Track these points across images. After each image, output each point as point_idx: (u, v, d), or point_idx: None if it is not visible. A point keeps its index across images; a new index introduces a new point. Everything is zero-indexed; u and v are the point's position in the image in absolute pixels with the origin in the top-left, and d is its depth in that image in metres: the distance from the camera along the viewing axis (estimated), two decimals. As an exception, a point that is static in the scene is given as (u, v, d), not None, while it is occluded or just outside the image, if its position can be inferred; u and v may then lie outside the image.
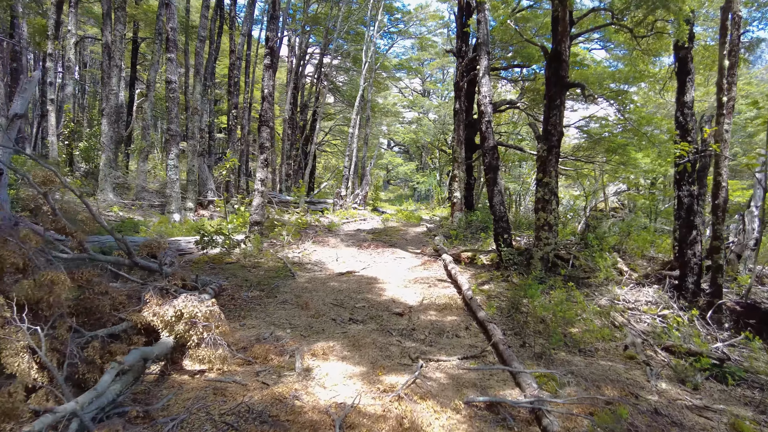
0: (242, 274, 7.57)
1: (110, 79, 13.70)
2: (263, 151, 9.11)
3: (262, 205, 9.11)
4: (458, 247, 10.07)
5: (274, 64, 9.11)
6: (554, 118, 7.63)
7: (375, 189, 22.22)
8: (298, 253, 9.57)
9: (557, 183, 7.88)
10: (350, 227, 13.52)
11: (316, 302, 6.33)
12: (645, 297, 6.77)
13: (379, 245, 10.50)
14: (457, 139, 12.63)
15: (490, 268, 8.37)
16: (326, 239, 11.20)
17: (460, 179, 12.50)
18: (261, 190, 9.07)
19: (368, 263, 9.07)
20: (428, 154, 37.93)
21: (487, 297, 6.82)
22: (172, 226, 10.47)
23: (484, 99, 8.17)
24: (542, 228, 7.73)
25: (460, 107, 12.71)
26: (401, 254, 9.93)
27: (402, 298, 6.77)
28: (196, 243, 8.30)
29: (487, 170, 8.13)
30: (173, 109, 11.84)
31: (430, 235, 11.93)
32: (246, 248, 8.79)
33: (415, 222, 15.46)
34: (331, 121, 31.09)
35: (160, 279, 5.28)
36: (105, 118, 13.67)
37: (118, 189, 15.40)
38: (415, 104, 37.16)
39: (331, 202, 16.52)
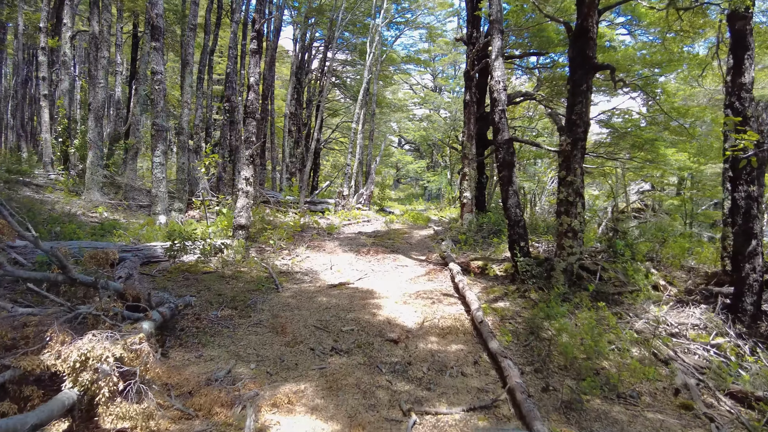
0: (218, 286, 6.61)
1: (97, 71, 12.87)
2: (249, 146, 8.14)
3: (247, 207, 8.15)
4: (468, 254, 8.99)
5: (261, 50, 8.12)
6: (579, 106, 6.51)
7: (382, 188, 21.18)
8: (289, 260, 8.59)
9: (583, 182, 6.76)
10: (351, 230, 12.51)
11: (295, 324, 5.32)
12: (691, 319, 5.63)
13: (379, 251, 9.47)
14: (468, 133, 11.53)
15: (503, 280, 7.28)
16: (323, 243, 10.21)
17: (470, 178, 11.40)
18: (246, 190, 8.10)
19: (365, 272, 8.04)
20: (439, 151, 36.79)
21: (500, 318, 5.75)
22: (154, 229, 9.57)
23: (498, 84, 7.07)
24: (565, 234, 6.62)
25: (471, 99, 11.60)
26: (403, 261, 8.88)
27: (399, 318, 5.72)
28: (165, 251, 7.36)
29: (501, 167, 7.04)
30: (159, 103, 10.94)
31: (437, 239, 10.86)
32: (227, 255, 7.83)
33: (422, 224, 14.39)
34: (338, 118, 30.14)
35: (102, 299, 4.32)
36: (92, 113, 12.86)
37: (108, 188, 14.62)
38: (426, 101, 36.03)
39: (333, 202, 15.53)
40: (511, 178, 6.95)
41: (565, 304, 6.03)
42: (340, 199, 14.91)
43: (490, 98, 7.30)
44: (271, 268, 7.55)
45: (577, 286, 6.79)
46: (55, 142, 16.91)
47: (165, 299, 4.99)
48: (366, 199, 16.82)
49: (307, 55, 24.46)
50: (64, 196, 12.61)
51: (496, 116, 7.00)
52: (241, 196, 8.13)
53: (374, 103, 18.35)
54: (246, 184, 8.13)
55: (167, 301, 4.91)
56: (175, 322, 5.04)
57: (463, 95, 12.01)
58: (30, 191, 12.81)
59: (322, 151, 34.81)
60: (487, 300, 6.42)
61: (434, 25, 22.49)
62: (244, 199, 8.12)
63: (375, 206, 18.86)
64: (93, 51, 13.10)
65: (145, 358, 3.14)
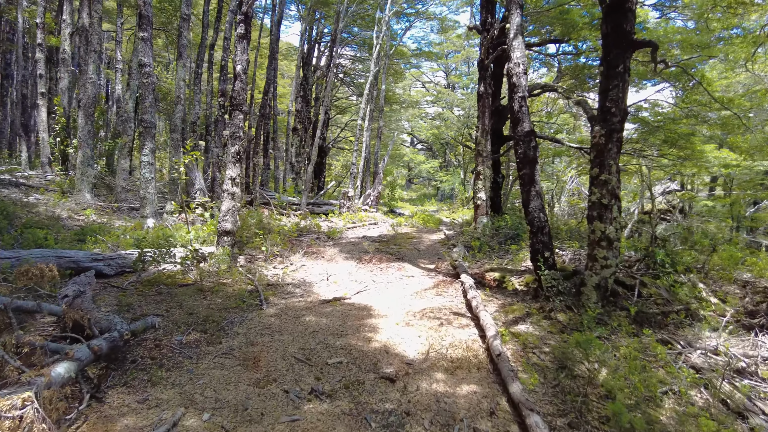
0: (192, 302, 5.72)
1: (87, 66, 12.16)
2: (235, 142, 7.26)
3: (233, 210, 7.27)
4: (482, 264, 7.99)
5: (249, 34, 7.23)
6: (615, 91, 5.47)
7: (393, 188, 20.21)
8: (281, 269, 7.69)
9: (619, 181, 5.72)
10: (355, 234, 11.58)
11: (272, 354, 4.40)
12: (761, 350, 4.56)
13: (383, 258, 8.51)
14: (482, 128, 10.51)
15: (524, 296, 6.27)
16: (322, 250, 9.29)
17: (485, 177, 10.38)
18: (232, 192, 7.22)
19: (365, 284, 7.09)
20: (452, 150, 35.71)
21: (522, 346, 4.74)
22: (138, 234, 8.76)
23: (517, 67, 6.06)
24: (598, 243, 5.59)
25: (485, 90, 10.57)
26: (409, 271, 7.91)
27: (399, 345, 4.76)
28: (133, 263, 6.51)
29: (521, 163, 6.02)
30: (147, 97, 10.15)
31: (449, 244, 9.87)
32: (210, 265, 6.95)
33: (433, 227, 13.40)
34: (347, 116, 29.26)
35: (14, 329, 3.45)
36: (81, 110, 12.16)
37: (100, 189, 13.94)
38: (438, 98, 34.96)
39: (337, 203, 14.62)
40: (533, 176, 5.93)
41: (600, 328, 5.02)
42: (345, 200, 13.99)
43: (508, 84, 6.29)
44: (257, 280, 6.65)
45: (613, 304, 5.76)
46: (53, 142, 16.34)
47: (114, 324, 4.11)
48: (373, 200, 15.88)
49: (315, 52, 23.65)
50: (56, 198, 11.93)
51: (516, 104, 5.99)
52: (226, 198, 7.25)
53: (383, 99, 17.41)
54: (231, 185, 7.24)
55: (115, 327, 4.03)
56: (127, 351, 4.16)
57: (477, 87, 10.98)
58: (19, 193, 12.15)
59: (332, 151, 34.02)
60: (506, 322, 5.42)
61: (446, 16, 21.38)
62: (229, 202, 7.24)
63: (384, 207, 17.91)
64: (83, 44, 12.40)
65: (29, 428, 2.23)
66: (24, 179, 14.08)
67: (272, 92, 15.74)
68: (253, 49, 19.34)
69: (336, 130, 30.56)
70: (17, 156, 18.46)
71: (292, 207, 14.13)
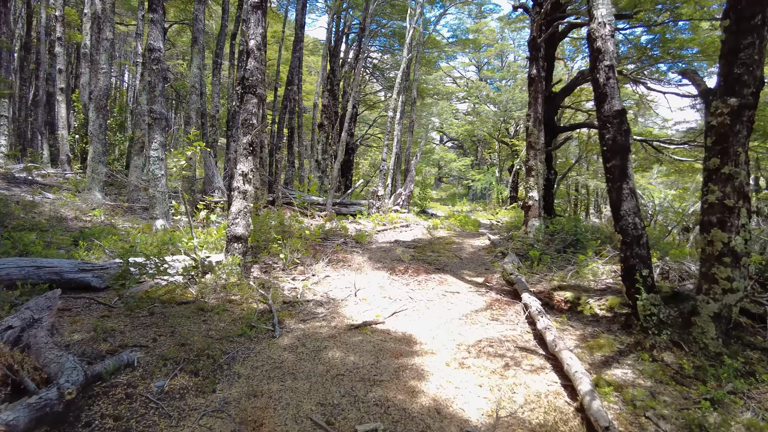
0: (188, 328, 4.58)
1: (99, 55, 11.35)
2: (247, 131, 6.11)
3: (245, 212, 6.11)
4: (542, 277, 6.58)
5: (264, 3, 6.05)
6: (749, 51, 4.01)
7: (423, 187, 18.83)
8: (301, 281, 6.50)
9: (748, 176, 4.24)
10: (386, 238, 10.31)
11: (282, 412, 3.18)
12: None
13: (421, 269, 7.21)
14: (534, 117, 9.07)
15: (609, 324, 4.85)
16: (349, 257, 8.07)
17: (537, 173, 8.94)
18: (243, 190, 6.07)
19: (401, 302, 5.81)
20: (485, 147, 34.02)
21: (629, 406, 3.37)
22: (145, 237, 7.75)
23: (602, 29, 4.65)
24: (719, 260, 4.14)
25: (538, 73, 9.12)
26: (454, 285, 6.58)
27: (455, 401, 3.46)
28: (114, 278, 5.42)
29: (610, 152, 4.59)
30: (157, 86, 9.17)
31: (496, 252, 8.48)
32: (217, 277, 5.82)
33: (472, 230, 12.00)
34: (376, 112, 28.07)
35: None
36: (92, 102, 11.37)
37: (114, 188, 13.16)
38: (471, 93, 33.30)
39: (366, 203, 13.40)
40: (625, 169, 4.51)
41: (738, 380, 3.59)
42: (374, 200, 12.74)
43: (590, 50, 4.86)
44: (270, 298, 5.46)
45: (736, 340, 4.30)
46: (72, 139, 15.76)
47: (63, 371, 2.97)
48: (405, 199, 14.58)
49: (343, 46, 22.54)
50: (68, 197, 11.16)
51: (601, 75, 4.58)
52: (236, 198, 6.10)
53: (415, 90, 16.08)
54: (243, 182, 6.09)
55: (62, 375, 2.88)
56: (82, 406, 3.02)
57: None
58: (29, 191, 11.43)
59: (359, 150, 32.89)
60: (594, 364, 4.04)
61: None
62: (240, 202, 6.09)
63: (415, 208, 16.59)
64: (95, 32, 11.60)
65: None
66: (41, 177, 13.48)
67: (297, 83, 14.65)
68: (276, 41, 18.36)
69: (364, 127, 29.41)
70: (41, 154, 18.06)
71: (317, 207, 13.01)
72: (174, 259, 6.11)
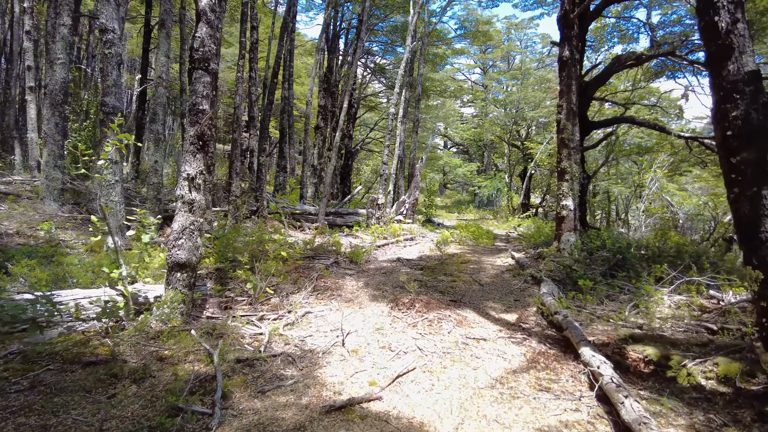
0: (77, 414, 2.93)
1: (55, 44, 9.80)
2: (195, 120, 4.48)
3: (192, 230, 4.47)
4: (595, 313, 4.89)
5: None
6: None
7: (430, 194, 17.16)
8: (270, 322, 4.84)
9: None
10: (387, 255, 8.65)
11: None
12: None
13: (432, 301, 5.52)
14: (567, 108, 7.43)
15: (731, 406, 3.14)
16: (340, 283, 6.41)
17: (572, 176, 7.29)
18: (189, 200, 4.43)
19: (407, 359, 4.13)
20: (492, 152, 32.38)
21: None
22: (76, 261, 6.11)
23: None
24: None
25: (571, 55, 7.50)
26: (477, 327, 4.89)
27: None
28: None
29: (739, 139, 2.90)
30: (111, 73, 7.60)
31: (524, 275, 6.78)
32: (144, 324, 4.18)
33: (488, 244, 10.31)
34: (377, 115, 26.50)
35: None
36: (47, 98, 9.80)
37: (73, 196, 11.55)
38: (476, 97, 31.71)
39: (364, 213, 11.74)
40: (764, 166, 2.83)
41: None
42: (374, 209, 11.07)
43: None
44: (218, 354, 3.79)
45: None
46: (42, 142, 14.23)
47: None
48: (409, 208, 12.92)
49: (342, 45, 21.02)
50: (21, 208, 9.61)
51: (722, 17, 2.91)
52: (180, 212, 4.46)
53: (419, 87, 14.48)
54: (189, 188, 4.45)
55: None
56: None
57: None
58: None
59: (361, 155, 31.30)
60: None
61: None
62: (185, 217, 4.45)
63: (419, 217, 14.92)
64: (51, 17, 10.06)
65: None
66: (4, 185, 11.96)
67: (288, 79, 13.08)
68: (265, 38, 16.83)
69: (365, 130, 27.86)
70: (13, 159, 16.54)
71: (311, 218, 11.36)
72: (101, 294, 4.46)
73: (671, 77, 11.07)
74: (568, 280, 6.22)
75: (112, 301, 4.28)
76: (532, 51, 37.21)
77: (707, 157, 10.19)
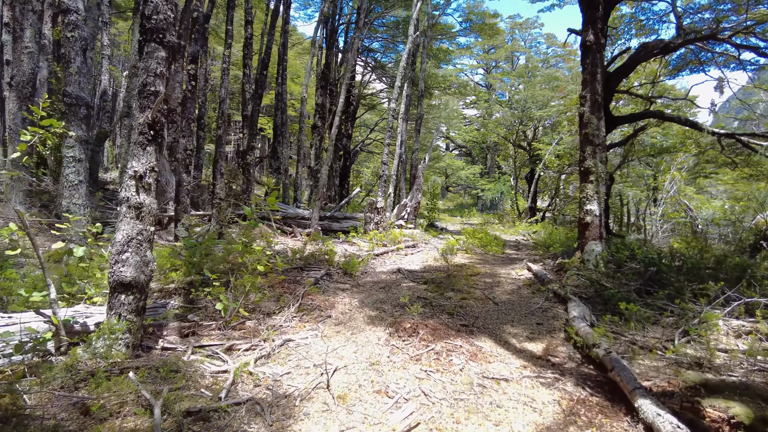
0: None
1: (23, 31, 8.95)
2: (145, 104, 3.60)
3: (141, 242, 3.56)
4: (636, 341, 3.97)
5: None
6: None
7: (433, 197, 16.24)
8: (240, 355, 3.93)
9: None
10: (386, 265, 7.74)
11: None
12: None
13: (438, 327, 4.60)
14: (591, 99, 6.53)
15: None
16: (331, 300, 5.49)
17: (597, 177, 6.39)
18: (137, 203, 3.54)
19: (408, 408, 3.21)
20: (496, 154, 31.48)
21: None
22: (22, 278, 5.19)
23: None
24: None
25: (596, 39, 6.61)
26: (495, 362, 3.96)
27: None
28: None
29: None
30: (74, 60, 6.74)
31: (546, 291, 5.85)
32: (81, 355, 3.28)
33: (498, 252, 9.40)
34: (379, 115, 25.65)
35: None
36: (13, 91, 8.94)
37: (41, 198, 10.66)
38: (479, 98, 30.85)
39: (362, 217, 10.83)
40: None
41: None
42: (372, 213, 10.15)
43: None
44: (158, 408, 2.86)
45: None
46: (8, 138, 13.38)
47: None
48: (410, 212, 12.01)
49: (341, 42, 20.19)
50: (-15, 211, 8.72)
51: None
52: (125, 218, 3.57)
53: (422, 82, 13.60)
54: (137, 189, 3.56)
55: None
56: None
57: (582, 37, 6.97)
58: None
59: (361, 156, 30.42)
60: None
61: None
62: (131, 225, 3.56)
63: (423, 221, 14.01)
64: (19, 2, 9.20)
65: None
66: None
67: (282, 74, 12.20)
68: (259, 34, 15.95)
69: (365, 131, 27.00)
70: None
71: (304, 222, 10.45)
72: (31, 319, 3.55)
73: (695, 71, 10.14)
74: (598, 298, 5.29)
75: (32, 332, 3.37)
76: (536, 51, 36.41)
77: (738, 157, 9.27)
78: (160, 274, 5.52)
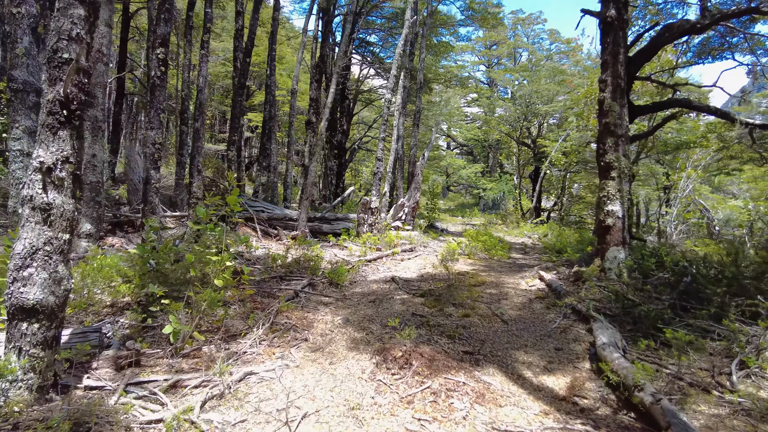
0: None
1: (-20, 13, 8.11)
2: (59, 73, 2.80)
3: (51, 253, 2.74)
4: (683, 376, 3.14)
5: None
6: None
7: (433, 197, 15.39)
8: (184, 393, 3.09)
9: None
10: (379, 273, 6.90)
11: None
12: None
13: (437, 356, 3.76)
14: (613, 84, 5.69)
15: None
16: (310, 318, 4.67)
17: (620, 173, 5.56)
18: (45, 204, 2.74)
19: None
20: (498, 152, 30.63)
21: None
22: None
23: None
24: None
25: (618, 15, 5.78)
26: (507, 405, 3.13)
27: None
28: None
29: None
30: (20, 40, 5.92)
31: (563, 306, 5.01)
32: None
33: (503, 257, 8.57)
34: (376, 111, 24.81)
35: None
36: (-31, 78, 8.10)
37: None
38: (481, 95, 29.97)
39: (354, 218, 9.99)
40: None
41: None
42: (366, 213, 9.31)
43: None
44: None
45: None
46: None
47: None
48: (409, 212, 11.17)
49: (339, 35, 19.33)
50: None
51: None
52: (28, 223, 2.75)
53: (421, 74, 12.74)
54: (44, 186, 2.73)
55: None
56: None
57: (601, 12, 6.12)
58: None
59: (359, 154, 29.56)
60: None
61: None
62: (37, 231, 2.74)
63: (422, 221, 13.17)
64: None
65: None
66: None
67: (270, 64, 11.38)
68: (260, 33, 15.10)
69: (363, 128, 26.18)
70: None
71: (292, 224, 9.63)
72: None
73: (718, 58, 9.28)
74: (626, 316, 4.45)
75: None
76: (539, 48, 35.54)
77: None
78: (107, 286, 4.70)
